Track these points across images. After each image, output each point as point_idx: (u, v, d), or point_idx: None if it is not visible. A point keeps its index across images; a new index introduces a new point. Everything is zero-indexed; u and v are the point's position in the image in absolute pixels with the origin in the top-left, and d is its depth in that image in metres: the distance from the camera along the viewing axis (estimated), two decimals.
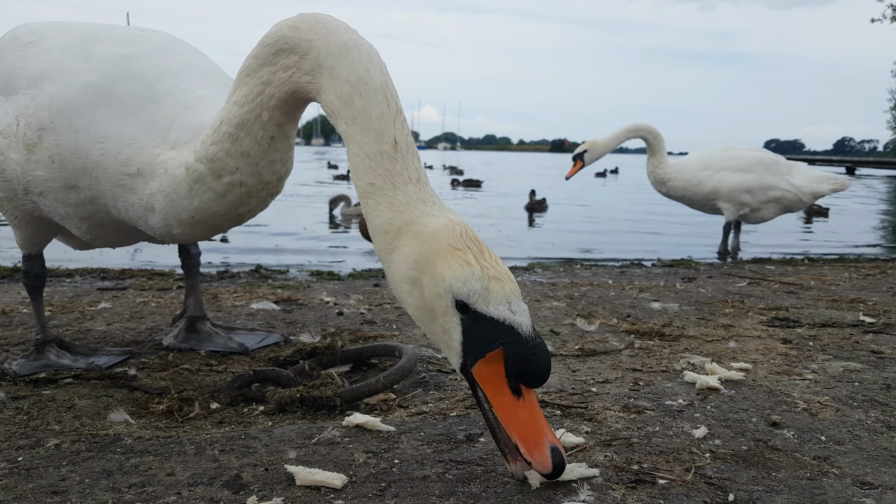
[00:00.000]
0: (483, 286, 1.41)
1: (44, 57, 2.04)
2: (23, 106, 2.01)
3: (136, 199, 1.94)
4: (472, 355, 1.45)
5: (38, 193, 2.07)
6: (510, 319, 1.41)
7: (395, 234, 1.51)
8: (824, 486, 1.60)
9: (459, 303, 1.43)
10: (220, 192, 1.81)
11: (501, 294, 1.42)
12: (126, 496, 1.48)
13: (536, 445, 1.42)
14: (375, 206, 1.53)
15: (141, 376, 2.30)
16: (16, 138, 2.01)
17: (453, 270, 1.42)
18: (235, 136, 1.74)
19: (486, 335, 1.43)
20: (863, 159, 76.89)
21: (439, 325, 1.49)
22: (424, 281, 1.47)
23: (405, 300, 1.55)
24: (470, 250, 1.45)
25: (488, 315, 1.41)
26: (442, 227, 1.47)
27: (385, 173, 1.52)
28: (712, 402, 2.14)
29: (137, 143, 1.91)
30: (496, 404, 1.45)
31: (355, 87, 1.56)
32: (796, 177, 5.98)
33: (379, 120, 1.54)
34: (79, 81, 1.97)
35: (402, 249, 1.50)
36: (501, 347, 1.41)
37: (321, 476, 1.54)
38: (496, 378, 1.44)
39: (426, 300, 1.48)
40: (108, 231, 2.18)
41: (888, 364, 2.61)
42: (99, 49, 2.03)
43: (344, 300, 3.61)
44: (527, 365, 1.41)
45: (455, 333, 1.46)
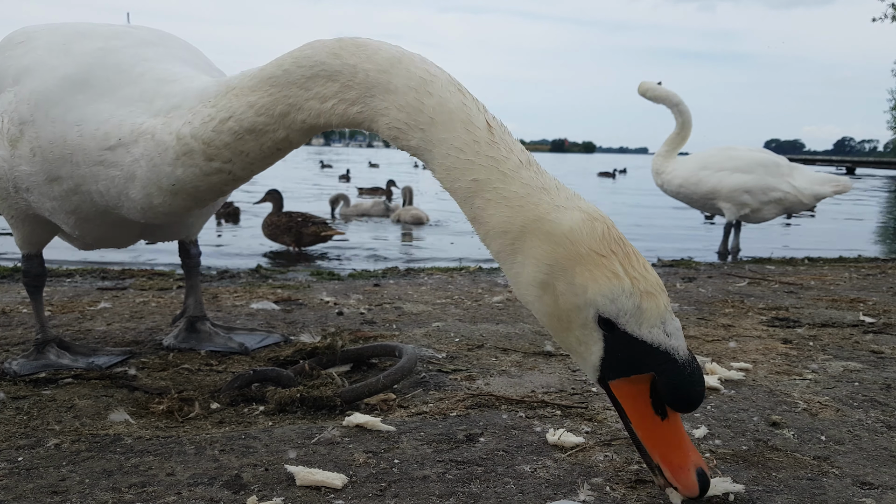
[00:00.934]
0: (635, 304, 1.25)
1: (29, 55, 2.05)
2: (6, 103, 2.02)
3: (116, 172, 1.88)
4: (614, 372, 1.32)
5: (26, 189, 2.07)
6: (665, 344, 1.26)
7: (517, 234, 1.33)
8: (824, 486, 1.60)
9: (603, 320, 1.28)
10: (206, 172, 1.77)
11: (656, 313, 1.26)
12: (126, 496, 1.48)
13: (682, 469, 1.32)
14: (486, 205, 1.35)
15: (141, 376, 2.30)
16: (1, 136, 2.02)
17: (598, 284, 1.26)
18: (241, 136, 1.69)
19: (634, 358, 1.29)
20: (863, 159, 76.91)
21: (574, 337, 1.35)
22: (560, 288, 1.31)
23: (532, 305, 1.41)
24: (616, 256, 1.27)
25: (640, 338, 1.27)
26: (579, 225, 1.29)
27: (489, 162, 1.34)
28: (712, 401, 2.14)
29: (116, 117, 1.87)
30: (637, 423, 1.34)
31: (420, 89, 1.43)
32: (797, 178, 5.98)
33: (461, 109, 1.39)
34: (56, 74, 1.96)
35: (529, 251, 1.32)
36: (652, 375, 1.29)
37: (321, 476, 1.54)
38: (640, 397, 1.32)
39: (560, 309, 1.32)
40: (95, 225, 2.15)
41: (888, 364, 2.61)
42: (80, 44, 2.03)
43: (344, 300, 3.61)
44: (682, 394, 1.28)
45: (595, 349, 1.32)
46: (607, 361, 1.32)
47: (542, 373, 2.43)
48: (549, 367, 2.50)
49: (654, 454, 1.33)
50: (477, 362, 2.54)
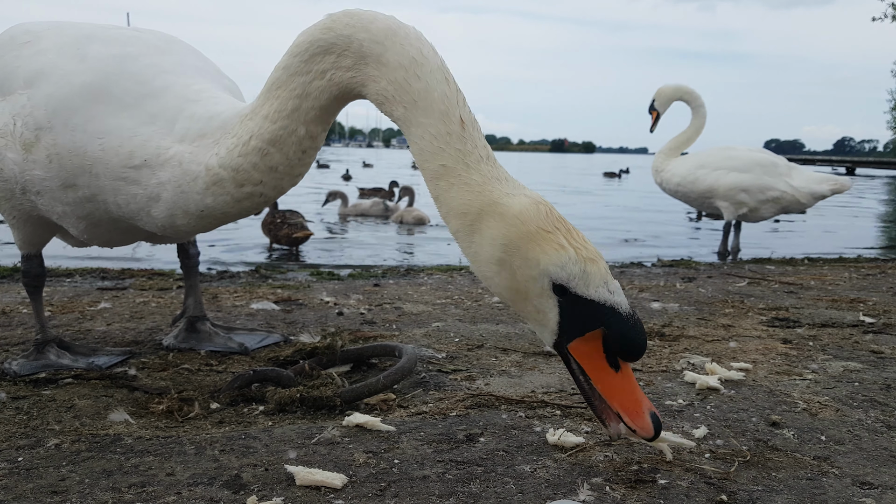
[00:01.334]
0: (581, 269, 1.42)
1: (40, 57, 2.05)
2: (19, 106, 2.01)
3: (139, 191, 1.92)
4: (569, 334, 1.47)
5: (36, 193, 2.07)
6: (610, 300, 1.43)
7: (475, 216, 1.49)
8: (824, 485, 1.60)
9: (557, 286, 1.44)
10: (237, 198, 1.81)
11: (599, 276, 1.43)
12: (126, 496, 1.48)
13: (638, 414, 1.46)
14: (449, 188, 1.51)
15: (141, 376, 2.30)
16: (13, 138, 2.02)
17: (548, 255, 1.42)
18: (266, 151, 1.71)
19: (586, 316, 1.44)
20: (863, 159, 76.92)
21: (532, 306, 1.50)
22: (515, 263, 1.46)
23: (491, 280, 1.55)
24: (559, 231, 1.44)
25: (588, 297, 1.42)
26: (526, 207, 1.46)
27: (456, 153, 1.49)
28: (712, 402, 2.15)
29: (140, 136, 1.91)
30: (596, 378, 1.48)
31: (410, 69, 1.52)
32: (795, 178, 5.98)
33: (442, 100, 1.51)
34: (75, 81, 1.97)
35: (485, 231, 1.48)
36: (601, 328, 1.43)
37: (321, 476, 1.54)
38: (595, 354, 1.47)
39: (518, 282, 1.47)
40: (104, 230, 2.17)
41: (888, 364, 2.61)
42: (94, 49, 2.03)
43: (344, 300, 3.61)
44: (628, 342, 1.43)
45: (552, 314, 1.47)
46: (563, 325, 1.47)
47: (541, 373, 2.43)
48: (549, 368, 2.50)
49: (614, 403, 1.47)
50: (477, 362, 2.54)
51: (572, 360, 1.50)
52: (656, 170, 6.42)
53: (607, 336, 1.44)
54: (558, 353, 1.53)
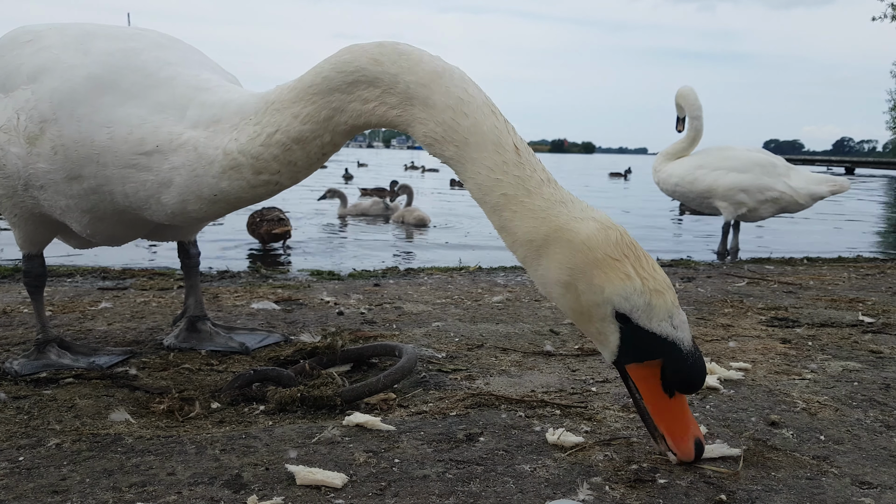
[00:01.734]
0: (645, 301, 1.43)
1: (42, 53, 2.06)
2: (23, 100, 2.02)
3: (150, 177, 1.93)
4: (629, 358, 1.51)
5: (39, 187, 2.07)
6: (672, 336, 1.45)
7: (541, 242, 1.49)
8: (823, 485, 1.60)
9: (619, 315, 1.46)
10: (253, 185, 1.84)
11: (664, 308, 1.44)
12: (127, 495, 1.49)
13: (682, 439, 1.54)
14: (513, 216, 1.51)
15: (142, 376, 2.30)
16: (16, 132, 2.02)
17: (613, 285, 1.43)
18: (289, 147, 1.75)
19: (646, 347, 1.47)
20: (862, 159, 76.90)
21: (595, 328, 1.52)
22: (580, 288, 1.47)
23: (557, 301, 1.57)
24: (628, 259, 1.44)
25: (650, 330, 1.45)
26: (595, 233, 1.46)
27: (515, 180, 1.50)
28: (712, 401, 2.15)
29: (151, 122, 1.92)
30: (648, 400, 1.53)
31: (457, 109, 1.54)
32: (794, 179, 5.99)
33: (493, 132, 1.52)
34: (80, 73, 1.98)
35: (552, 256, 1.49)
36: (661, 360, 1.47)
37: (321, 475, 1.54)
38: (651, 379, 1.51)
39: (582, 305, 1.49)
40: (109, 224, 2.17)
41: (887, 364, 2.62)
42: (98, 45, 2.05)
43: (344, 300, 3.62)
44: (687, 379, 1.47)
45: (613, 338, 1.50)
46: (623, 349, 1.51)
47: (541, 372, 2.43)
48: (549, 367, 2.50)
49: (661, 426, 1.54)
50: (477, 362, 2.54)
51: (630, 379, 1.54)
52: (655, 170, 6.46)
53: (665, 369, 1.47)
54: (617, 369, 1.56)
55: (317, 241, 8.37)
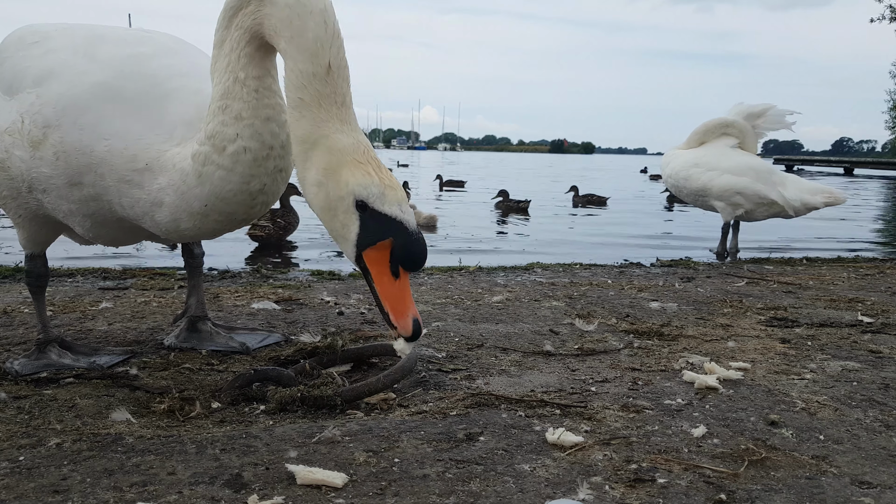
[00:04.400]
0: (380, 191, 1.67)
1: (50, 56, 2.06)
2: (28, 104, 2.03)
3: (142, 195, 1.96)
4: (365, 243, 1.70)
5: (42, 191, 2.08)
6: (401, 217, 1.67)
7: (310, 145, 1.71)
8: (823, 485, 1.61)
9: (359, 203, 1.67)
10: (227, 167, 1.86)
11: (394, 198, 1.67)
12: (127, 495, 1.49)
13: (402, 315, 1.70)
14: (299, 118, 1.70)
15: (142, 376, 2.31)
16: (21, 136, 2.03)
17: (356, 178, 1.67)
18: (224, 105, 1.84)
19: (379, 228, 1.68)
20: (861, 160, 76.89)
21: (339, 222, 1.72)
22: (330, 185, 1.69)
23: (312, 200, 1.76)
24: (370, 164, 1.69)
25: (383, 212, 1.66)
26: (350, 144, 1.70)
27: (314, 93, 1.68)
28: (711, 401, 2.15)
29: (145, 139, 1.95)
30: (377, 281, 1.71)
31: (293, 8, 1.69)
32: (788, 188, 5.98)
33: (315, 42, 1.67)
34: (87, 80, 1.99)
35: (314, 158, 1.71)
36: (391, 238, 1.67)
37: (322, 475, 1.55)
38: (381, 261, 1.70)
39: (330, 200, 1.70)
40: (110, 229, 2.19)
41: (886, 364, 2.62)
42: (106, 49, 2.07)
43: (344, 300, 3.62)
44: (409, 253, 1.67)
45: (353, 227, 1.70)
46: (361, 236, 1.69)
47: (541, 372, 2.44)
48: (549, 367, 2.51)
49: (385, 304, 1.71)
50: (477, 362, 2.55)
51: (369, 273, 1.72)
52: (665, 163, 6.52)
53: (394, 246, 1.67)
54: (358, 267, 1.74)
55: (317, 241, 8.37)
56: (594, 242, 8.74)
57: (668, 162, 6.44)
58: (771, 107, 6.13)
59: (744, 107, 6.27)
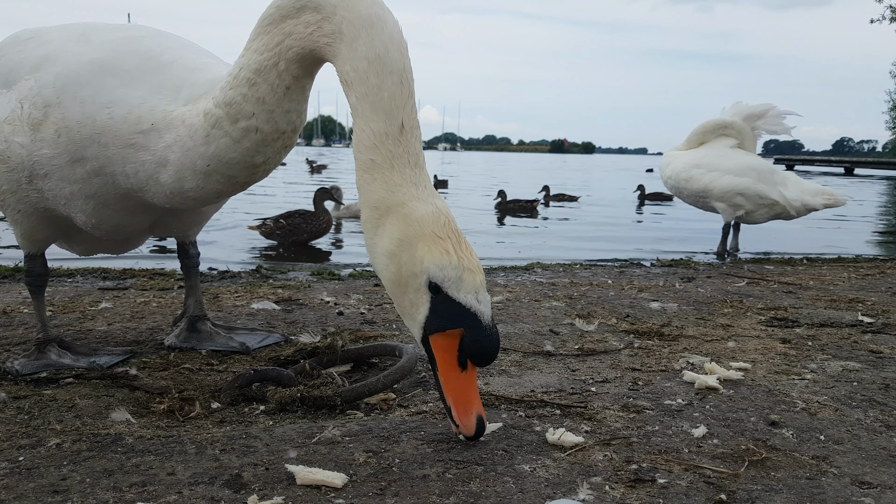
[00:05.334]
0: (458, 275, 1.57)
1: (45, 46, 2.10)
2: (26, 89, 2.05)
3: (147, 156, 1.95)
4: (433, 329, 1.63)
5: (44, 175, 2.08)
6: (476, 308, 1.58)
7: (384, 211, 1.63)
8: (823, 485, 1.61)
9: (433, 285, 1.59)
10: (235, 138, 1.84)
11: (472, 284, 1.58)
12: (127, 495, 1.49)
13: (466, 413, 1.64)
14: (371, 182, 1.63)
15: (142, 376, 2.30)
16: (20, 121, 2.05)
17: (433, 256, 1.57)
18: (253, 81, 1.78)
19: (451, 316, 1.60)
20: (862, 160, 76.88)
21: (409, 299, 1.65)
22: (403, 259, 1.60)
23: (381, 271, 1.68)
24: (450, 240, 1.59)
25: (457, 300, 1.58)
26: (429, 214, 1.60)
27: (387, 153, 1.60)
28: (711, 401, 2.15)
29: (148, 102, 1.95)
30: (441, 371, 1.64)
31: (372, 65, 1.60)
32: (789, 189, 5.99)
33: (390, 101, 1.60)
34: (83, 58, 2.01)
35: (388, 226, 1.62)
36: (462, 329, 1.59)
37: (321, 475, 1.55)
38: (449, 349, 1.62)
39: (401, 275, 1.62)
40: (112, 212, 2.18)
41: (887, 364, 2.62)
42: (100, 35, 2.10)
43: (344, 300, 3.62)
44: (481, 347, 1.59)
45: (423, 309, 1.63)
46: (430, 319, 1.62)
47: (541, 373, 2.44)
48: (549, 367, 2.50)
49: (449, 398, 1.65)
50: None
51: (432, 354, 1.65)
52: (665, 164, 6.50)
53: (464, 338, 1.59)
54: (424, 349, 1.67)
55: (317, 242, 8.36)
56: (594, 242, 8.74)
57: (667, 163, 6.44)
58: (770, 108, 6.12)
59: (742, 107, 6.26)
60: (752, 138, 6.23)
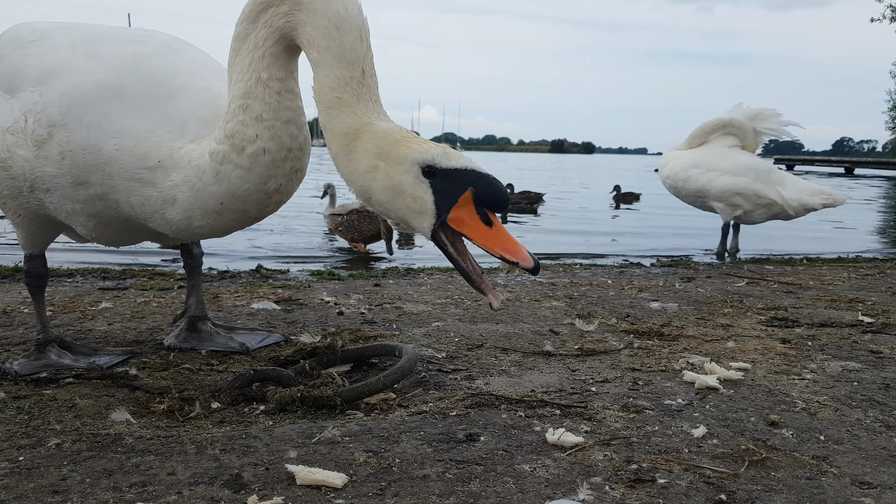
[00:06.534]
0: (440, 151, 1.73)
1: (50, 55, 2.05)
2: (30, 103, 2.01)
3: (154, 193, 1.95)
4: (445, 206, 1.71)
5: (45, 190, 2.07)
6: (471, 165, 1.72)
7: (353, 136, 1.76)
8: (823, 485, 1.61)
9: (426, 170, 1.71)
10: (246, 167, 1.84)
11: (455, 154, 1.74)
12: (127, 495, 1.49)
13: (518, 252, 1.72)
14: (338, 115, 1.76)
15: (142, 376, 2.30)
16: (24, 135, 2.02)
17: (413, 150, 1.72)
18: (245, 105, 1.84)
19: (455, 184, 1.71)
20: (862, 159, 76.89)
21: (409, 196, 1.73)
22: (389, 165, 1.73)
23: (369, 188, 1.77)
24: (415, 140, 1.76)
25: (454, 168, 1.71)
26: (393, 127, 1.78)
27: (353, 92, 1.76)
28: (711, 401, 2.15)
29: (155, 136, 1.94)
30: (477, 236, 1.72)
31: (333, 21, 1.75)
32: (788, 188, 5.98)
33: (352, 52, 1.75)
34: (90, 79, 1.98)
35: (361, 146, 1.76)
36: (471, 188, 1.69)
37: (321, 475, 1.55)
38: (470, 215, 1.72)
39: (393, 178, 1.73)
40: (113, 230, 2.18)
41: (887, 364, 2.62)
42: (107, 48, 2.06)
43: (344, 300, 3.62)
44: (494, 194, 1.71)
45: (427, 197, 1.72)
46: (439, 200, 1.72)
47: (541, 372, 2.44)
48: (549, 367, 2.50)
49: (496, 250, 1.72)
50: (477, 362, 2.54)
51: (449, 246, 1.75)
52: (663, 163, 6.50)
53: (477, 193, 1.70)
54: (435, 241, 1.76)
55: (317, 240, 8.37)
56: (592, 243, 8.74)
57: (666, 163, 6.44)
58: (774, 114, 6.11)
59: (744, 109, 6.26)
60: (753, 136, 6.22)
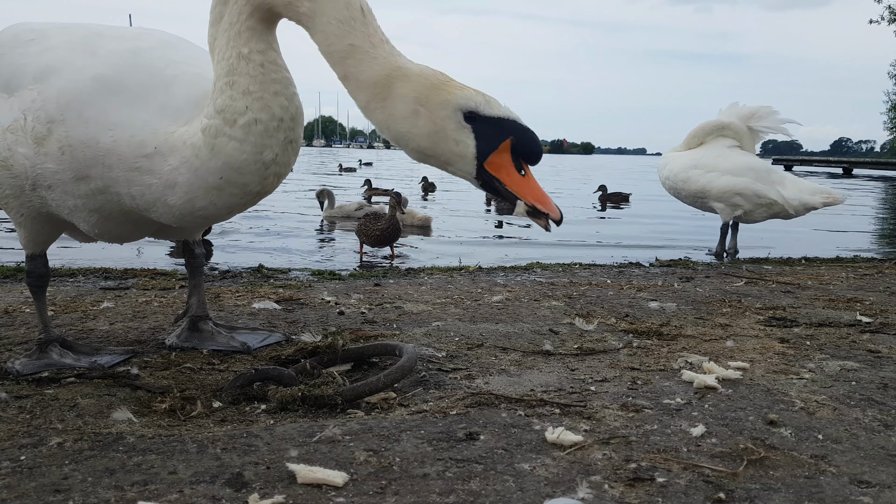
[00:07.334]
0: (483, 98, 1.74)
1: (48, 53, 2.07)
2: (29, 101, 2.03)
3: (154, 180, 1.95)
4: (487, 151, 1.75)
5: (47, 187, 2.08)
6: (512, 115, 1.75)
7: (384, 84, 1.73)
8: (822, 484, 1.61)
9: (468, 115, 1.73)
10: (240, 137, 1.86)
11: (496, 103, 1.76)
12: (128, 494, 1.50)
13: (547, 203, 1.78)
14: (359, 63, 1.73)
15: (143, 375, 2.31)
16: (24, 133, 2.03)
17: (455, 95, 1.72)
18: (231, 81, 1.86)
19: (496, 131, 1.74)
20: (860, 160, 76.85)
21: (452, 140, 1.75)
22: (431, 108, 1.72)
23: (409, 132, 1.77)
24: (453, 82, 1.76)
25: (495, 115, 1.73)
26: (424, 69, 1.76)
27: (361, 34, 1.73)
28: (710, 400, 2.16)
29: (151, 125, 1.96)
30: (511, 182, 1.78)
31: None
32: (788, 188, 5.99)
33: None
34: (87, 74, 2.00)
35: (397, 92, 1.73)
36: (510, 137, 1.74)
37: (322, 474, 1.55)
38: (506, 164, 1.77)
39: (436, 123, 1.74)
40: (116, 224, 2.18)
41: (885, 363, 2.63)
42: (105, 45, 2.08)
43: (345, 300, 3.63)
44: (531, 146, 1.76)
45: (469, 142, 1.75)
46: (480, 145, 1.75)
47: (541, 372, 2.44)
48: (549, 366, 2.51)
49: (528, 198, 1.78)
50: (476, 361, 2.55)
51: (495, 179, 1.78)
52: (662, 165, 6.50)
53: (515, 143, 1.75)
54: (481, 180, 1.80)
55: (316, 240, 8.38)
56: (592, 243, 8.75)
57: (665, 164, 6.44)
58: (770, 112, 6.13)
59: (740, 108, 6.27)
60: (749, 139, 6.24)
